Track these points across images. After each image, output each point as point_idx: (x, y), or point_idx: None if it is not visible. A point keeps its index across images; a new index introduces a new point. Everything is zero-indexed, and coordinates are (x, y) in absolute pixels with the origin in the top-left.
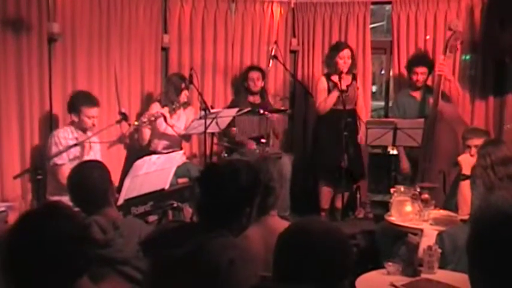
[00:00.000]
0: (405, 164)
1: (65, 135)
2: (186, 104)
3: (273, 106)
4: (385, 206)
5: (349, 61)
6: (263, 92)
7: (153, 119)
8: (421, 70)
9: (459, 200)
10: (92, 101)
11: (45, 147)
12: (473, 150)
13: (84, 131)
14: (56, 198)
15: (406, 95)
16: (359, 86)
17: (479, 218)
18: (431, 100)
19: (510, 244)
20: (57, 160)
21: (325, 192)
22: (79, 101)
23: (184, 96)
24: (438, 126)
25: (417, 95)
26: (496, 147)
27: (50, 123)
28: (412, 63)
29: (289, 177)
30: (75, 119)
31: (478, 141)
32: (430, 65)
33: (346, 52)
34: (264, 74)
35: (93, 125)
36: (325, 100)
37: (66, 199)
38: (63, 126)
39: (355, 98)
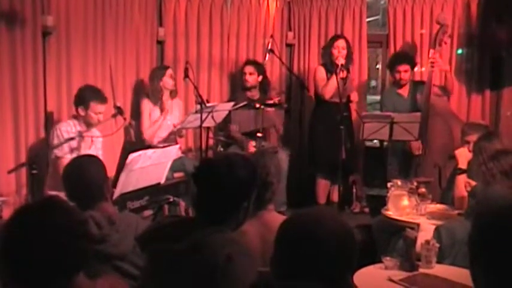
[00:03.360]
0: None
1: (68, 128)
2: (173, 94)
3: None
4: (381, 200)
5: (344, 51)
6: (264, 87)
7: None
8: (404, 68)
9: (455, 194)
10: (102, 98)
11: (47, 141)
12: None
13: (88, 125)
14: (54, 192)
15: (393, 93)
16: (354, 78)
17: (480, 212)
18: (418, 96)
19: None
20: (58, 153)
21: (323, 186)
22: (89, 95)
23: (168, 80)
24: (431, 120)
25: (404, 92)
26: (488, 142)
27: (44, 117)
28: (394, 62)
29: (285, 172)
30: (82, 113)
31: (477, 137)
32: (412, 62)
33: (340, 42)
34: (260, 69)
35: (99, 121)
36: (327, 83)
37: (64, 193)
38: (67, 120)
39: (351, 90)
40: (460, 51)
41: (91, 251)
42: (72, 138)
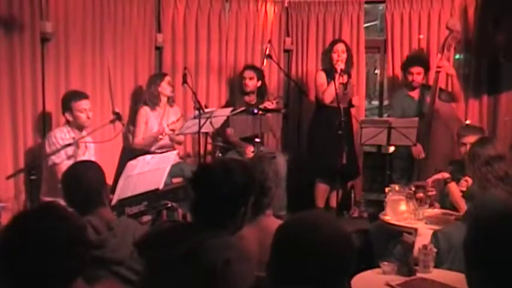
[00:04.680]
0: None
1: (62, 135)
2: (170, 101)
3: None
4: (380, 205)
5: (344, 55)
6: (262, 92)
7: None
8: (417, 70)
9: (452, 200)
10: (81, 95)
11: (41, 147)
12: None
13: (81, 128)
14: (50, 199)
15: (404, 95)
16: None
17: (476, 216)
18: (428, 99)
19: (508, 243)
20: (56, 159)
21: (322, 190)
22: (68, 98)
23: (166, 86)
24: (434, 124)
25: (415, 94)
26: (482, 147)
27: (43, 123)
28: (408, 64)
29: (284, 177)
30: (70, 117)
31: (473, 138)
32: (426, 65)
33: (339, 46)
34: (259, 74)
35: (88, 118)
36: (327, 88)
37: (60, 200)
38: (60, 127)
39: (352, 95)
40: (457, 56)
41: (89, 256)
42: (69, 145)
